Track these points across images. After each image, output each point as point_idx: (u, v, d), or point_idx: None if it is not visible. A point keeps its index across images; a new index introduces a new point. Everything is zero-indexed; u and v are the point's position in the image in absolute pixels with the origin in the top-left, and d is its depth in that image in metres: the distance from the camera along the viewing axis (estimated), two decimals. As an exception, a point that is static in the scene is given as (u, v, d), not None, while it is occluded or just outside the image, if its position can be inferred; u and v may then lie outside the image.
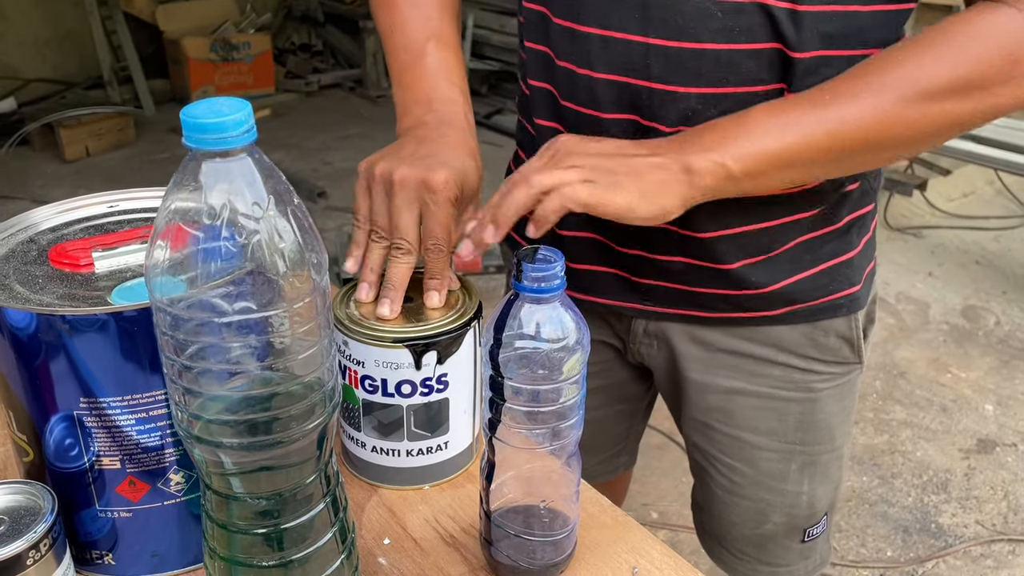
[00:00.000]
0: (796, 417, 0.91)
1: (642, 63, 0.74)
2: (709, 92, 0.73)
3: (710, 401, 0.92)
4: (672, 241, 0.82)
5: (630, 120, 0.77)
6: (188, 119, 0.44)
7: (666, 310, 0.88)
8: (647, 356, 0.94)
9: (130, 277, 0.61)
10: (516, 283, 0.57)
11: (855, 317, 0.88)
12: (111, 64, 4.40)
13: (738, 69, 0.72)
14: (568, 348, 0.57)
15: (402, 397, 0.70)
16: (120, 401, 0.58)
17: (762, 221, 0.81)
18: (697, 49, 0.72)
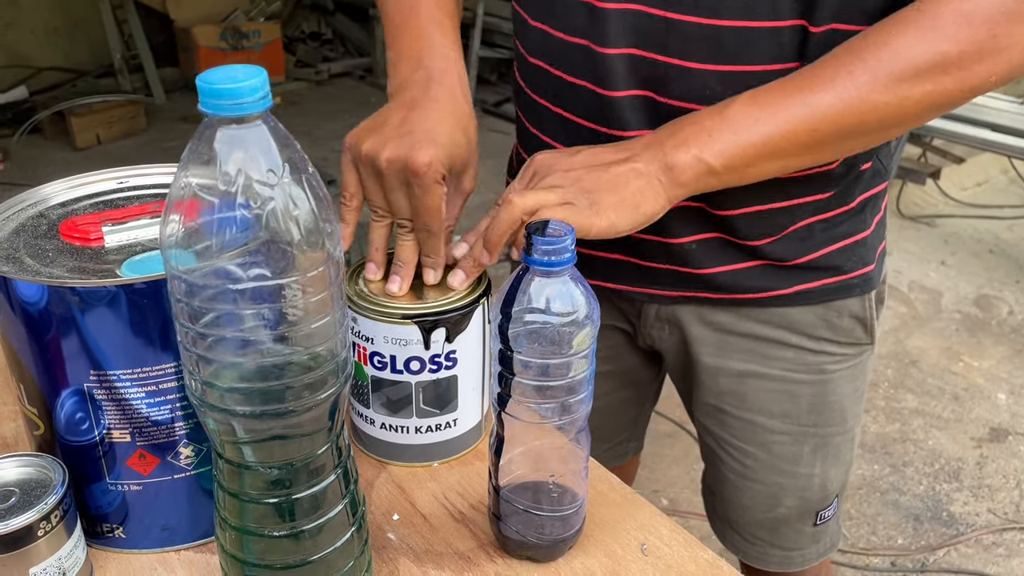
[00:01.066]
0: (809, 399, 0.90)
1: (661, 38, 0.73)
2: (728, 70, 0.73)
3: (722, 385, 0.91)
4: (689, 220, 0.81)
5: (644, 96, 0.76)
6: (204, 85, 0.44)
7: (679, 293, 0.87)
8: (658, 340, 0.94)
9: (140, 251, 0.61)
10: (526, 256, 0.56)
11: (869, 297, 0.88)
12: (122, 52, 4.40)
13: (757, 47, 0.72)
14: (578, 322, 0.57)
15: (411, 374, 0.70)
16: (130, 374, 0.58)
17: (778, 200, 0.80)
18: (717, 25, 0.71)
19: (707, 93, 0.73)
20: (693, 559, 0.65)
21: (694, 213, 0.81)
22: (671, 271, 0.86)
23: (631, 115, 0.77)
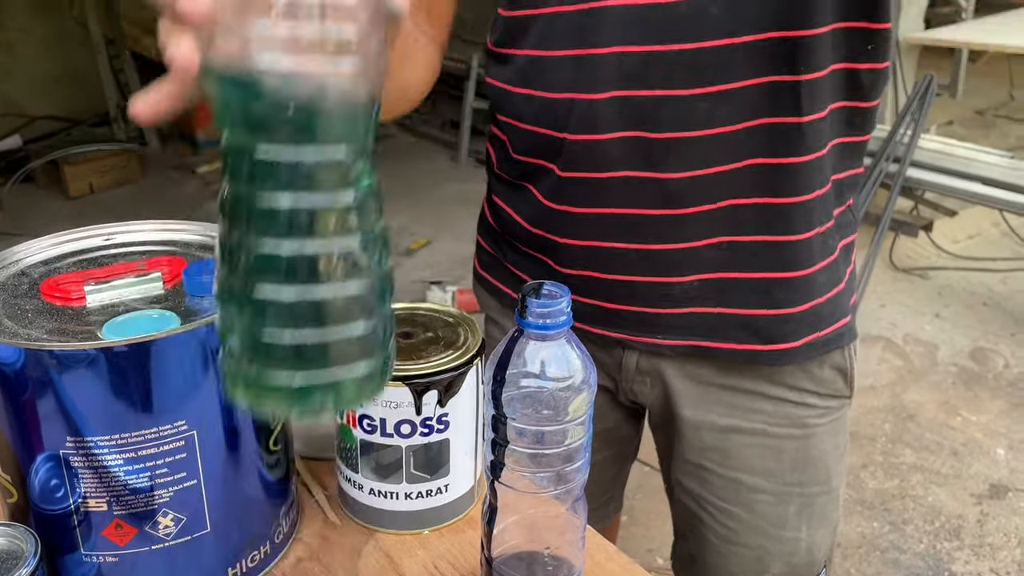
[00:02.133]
0: (792, 455, 0.88)
1: (639, 74, 0.72)
2: (713, 91, 0.72)
3: (705, 440, 0.89)
4: (700, 257, 0.79)
5: (635, 137, 0.75)
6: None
7: (669, 341, 0.85)
8: (640, 394, 0.91)
9: (123, 311, 0.60)
10: (520, 319, 0.55)
11: (850, 347, 0.87)
12: (117, 101, 4.43)
13: (739, 61, 0.71)
14: (574, 387, 0.55)
15: (401, 437, 0.68)
16: (108, 440, 0.56)
17: (790, 233, 0.79)
18: (695, 49, 0.71)
19: (699, 118, 0.73)
20: (694, 635, 0.62)
21: (701, 251, 0.79)
22: (665, 315, 0.83)
23: (620, 155, 0.76)
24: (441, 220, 3.61)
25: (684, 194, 0.76)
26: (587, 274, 0.84)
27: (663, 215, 0.77)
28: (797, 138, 0.75)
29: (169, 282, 0.63)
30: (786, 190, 0.77)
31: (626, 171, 0.76)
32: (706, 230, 0.78)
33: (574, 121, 0.76)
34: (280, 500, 0.68)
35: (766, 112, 0.73)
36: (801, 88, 0.72)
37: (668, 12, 0.71)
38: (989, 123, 4.93)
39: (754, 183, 0.76)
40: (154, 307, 0.60)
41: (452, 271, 3.15)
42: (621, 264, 0.81)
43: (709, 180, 0.75)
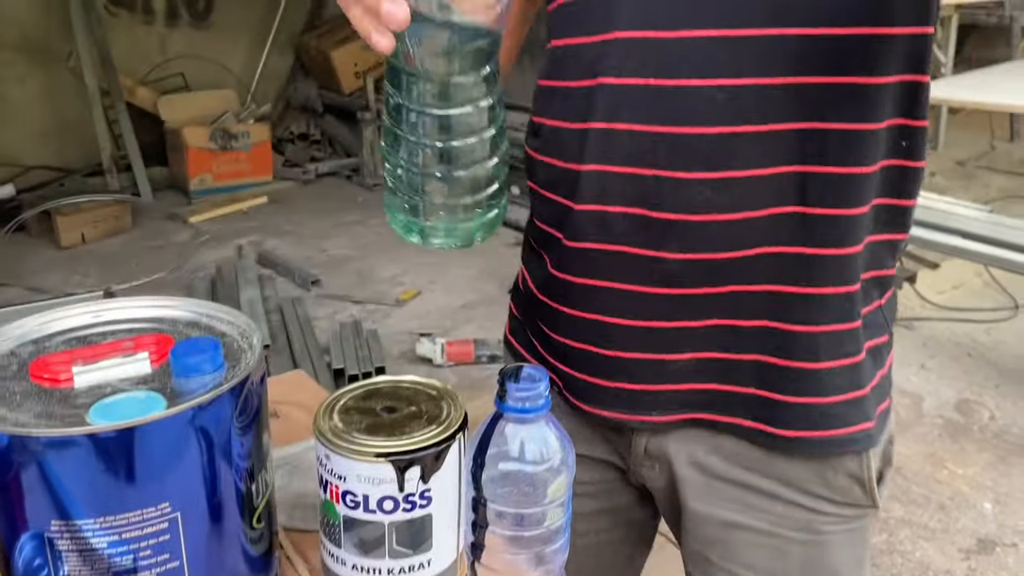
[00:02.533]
0: (800, 560, 0.84)
1: (649, 151, 0.73)
2: (716, 177, 0.72)
3: (708, 533, 0.87)
4: (695, 338, 0.79)
5: (638, 215, 0.75)
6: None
7: (676, 417, 0.83)
8: (648, 479, 0.89)
9: (110, 392, 0.61)
10: (500, 403, 0.56)
11: (867, 455, 0.82)
12: (111, 152, 4.47)
13: (744, 150, 0.71)
14: (553, 469, 0.56)
15: (384, 513, 0.68)
16: (93, 523, 0.57)
17: (788, 322, 0.77)
18: (698, 134, 0.71)
19: (701, 203, 0.73)
20: None
21: (697, 332, 0.78)
22: (669, 391, 0.82)
23: (622, 230, 0.77)
24: (431, 271, 3.63)
25: (683, 276, 0.76)
26: (586, 347, 0.83)
27: (661, 294, 0.77)
28: (812, 232, 0.73)
29: (156, 362, 0.65)
30: (795, 280, 0.75)
31: (627, 247, 0.76)
32: (705, 312, 0.77)
33: (580, 191, 0.78)
34: (263, 575, 0.69)
35: (773, 203, 0.73)
36: (814, 181, 0.72)
37: (673, 94, 0.71)
38: (970, 174, 5.02)
39: (761, 272, 0.75)
40: (141, 388, 0.61)
41: (442, 323, 3.16)
42: (619, 340, 0.80)
43: (710, 265, 0.75)
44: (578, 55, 0.77)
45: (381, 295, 3.38)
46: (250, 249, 3.82)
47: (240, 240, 3.94)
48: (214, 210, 4.31)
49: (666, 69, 0.71)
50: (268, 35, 5.17)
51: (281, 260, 3.63)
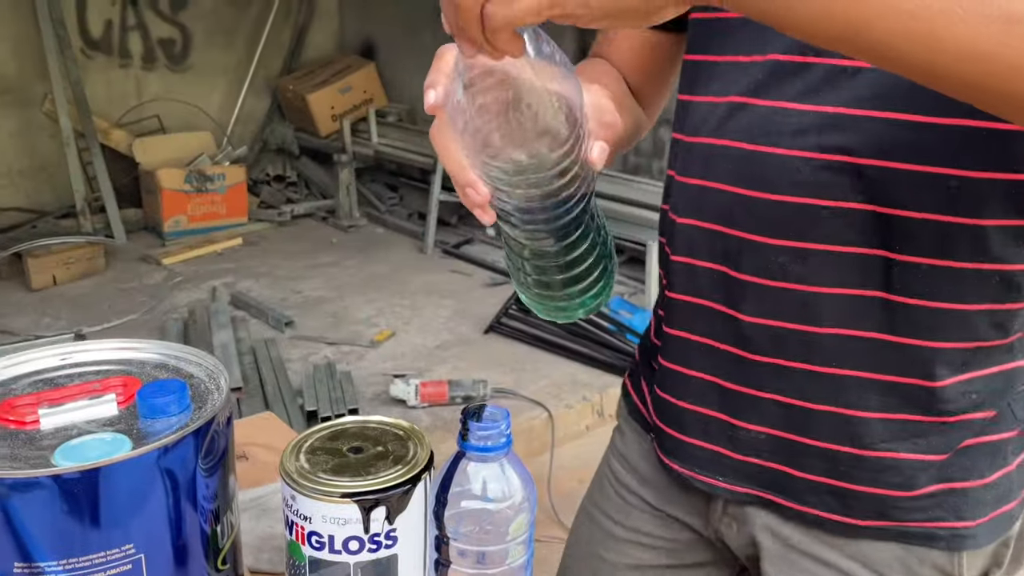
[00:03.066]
0: None
1: (729, 212, 0.75)
2: (792, 246, 0.72)
3: None
4: (761, 409, 0.78)
5: (721, 271, 0.77)
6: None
7: (745, 490, 0.82)
8: (727, 536, 0.89)
9: (75, 435, 0.61)
10: (462, 442, 0.57)
11: (959, 555, 0.77)
12: (85, 194, 4.45)
13: (822, 224, 0.71)
14: (515, 507, 0.58)
15: (349, 554, 0.69)
16: (58, 565, 0.57)
17: (868, 410, 0.75)
18: (777, 201, 0.72)
19: (776, 269, 0.73)
20: None
21: (768, 404, 0.78)
22: (738, 462, 0.81)
23: (708, 285, 0.79)
24: (406, 312, 3.63)
25: (754, 339, 0.76)
26: (671, 399, 0.85)
27: (736, 354, 0.78)
28: (894, 320, 0.72)
29: (123, 403, 0.65)
30: (872, 368, 0.73)
31: (711, 302, 0.78)
32: (773, 382, 0.76)
33: (676, 240, 0.81)
34: (228, 618, 0.69)
35: (853, 283, 0.71)
36: (899, 269, 0.70)
37: (759, 160, 0.73)
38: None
39: (833, 352, 0.74)
40: (107, 429, 0.62)
41: (416, 363, 3.16)
42: (697, 394, 0.82)
43: (781, 333, 0.75)
44: (693, 111, 0.79)
45: (355, 336, 3.37)
46: (224, 291, 3.81)
47: (214, 282, 3.93)
48: (188, 252, 4.30)
49: (757, 135, 0.73)
50: (245, 78, 5.20)
51: (255, 302, 3.62)
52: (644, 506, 0.95)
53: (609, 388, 2.97)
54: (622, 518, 0.97)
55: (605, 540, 0.98)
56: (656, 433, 0.88)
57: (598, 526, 0.99)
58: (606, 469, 1.01)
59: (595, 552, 0.99)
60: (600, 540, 0.99)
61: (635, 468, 0.96)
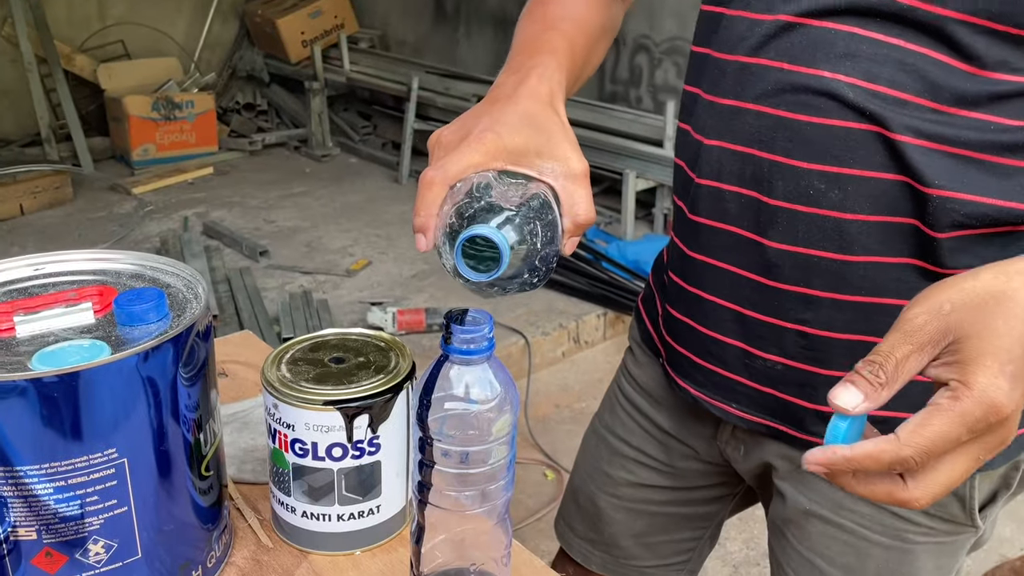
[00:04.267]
0: (879, 563, 0.82)
1: (768, 135, 0.73)
2: (831, 171, 0.70)
3: (789, 514, 0.86)
4: (781, 338, 0.77)
5: (750, 196, 0.75)
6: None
7: (758, 419, 0.82)
8: (733, 459, 0.90)
9: (52, 341, 0.60)
10: (445, 345, 0.57)
11: (971, 477, 0.75)
12: (49, 122, 4.34)
13: (864, 151, 0.69)
14: (497, 408, 0.58)
15: (333, 460, 0.69)
16: (38, 469, 0.57)
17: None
18: (825, 125, 0.70)
19: (811, 194, 0.71)
20: (616, 644, 0.65)
21: (789, 334, 0.76)
22: (752, 390, 0.81)
23: (735, 210, 0.76)
24: (382, 241, 3.61)
25: (782, 267, 0.75)
26: (687, 320, 0.84)
27: (759, 282, 0.77)
28: (931, 250, 0.70)
29: (100, 312, 0.64)
30: (898, 294, 0.72)
31: (737, 228, 0.77)
32: (797, 311, 0.75)
33: (702, 164, 0.78)
34: (212, 525, 0.69)
35: (889, 211, 0.70)
36: (935, 202, 0.68)
37: (803, 83, 0.70)
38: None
39: (863, 282, 0.73)
40: (85, 337, 0.61)
41: (392, 292, 3.15)
42: (714, 319, 0.81)
43: (811, 261, 0.73)
44: (727, 26, 0.76)
45: (331, 265, 3.35)
46: (196, 220, 3.76)
47: (186, 211, 3.87)
48: (158, 181, 4.22)
49: (803, 56, 0.70)
50: (211, 1, 5.04)
51: (228, 231, 3.57)
52: (652, 428, 0.96)
53: (585, 316, 2.99)
54: (629, 437, 0.99)
55: (611, 457, 1.00)
56: (670, 355, 0.88)
57: (605, 443, 1.01)
58: (616, 390, 1.02)
59: (600, 467, 1.01)
60: (606, 457, 1.01)
61: (646, 390, 0.97)
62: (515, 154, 0.62)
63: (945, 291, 0.54)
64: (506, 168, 0.62)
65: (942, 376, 0.53)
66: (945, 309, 0.53)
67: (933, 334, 0.53)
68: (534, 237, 0.58)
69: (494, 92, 0.69)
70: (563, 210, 0.62)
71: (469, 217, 0.57)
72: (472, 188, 0.59)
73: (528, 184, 0.61)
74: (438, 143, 0.64)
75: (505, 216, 0.57)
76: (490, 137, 0.61)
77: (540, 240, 0.59)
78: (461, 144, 0.61)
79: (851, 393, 0.53)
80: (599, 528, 1.02)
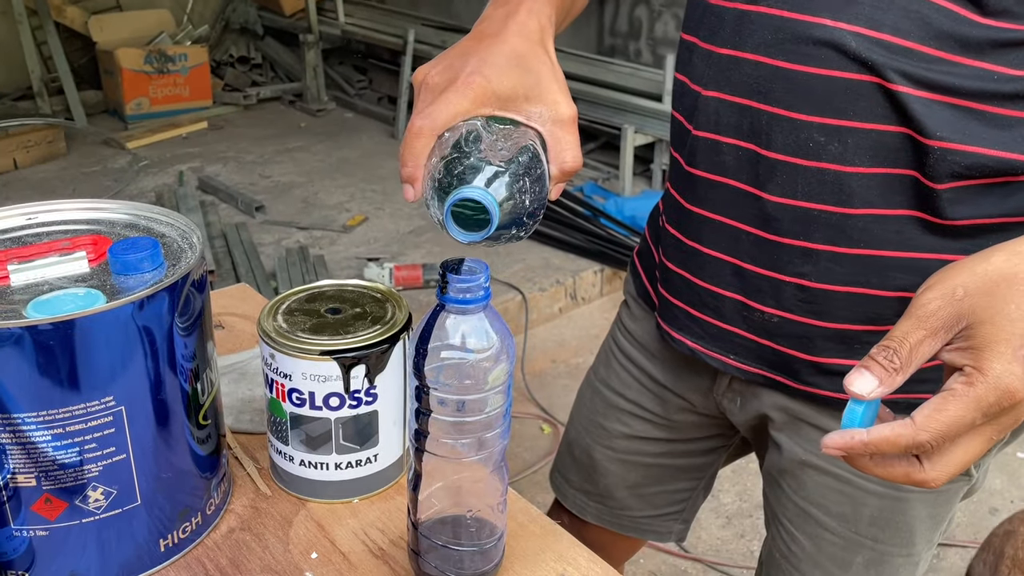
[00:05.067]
0: (873, 511, 0.83)
1: (766, 86, 0.71)
2: (831, 123, 0.69)
3: (784, 463, 0.86)
4: (779, 291, 0.77)
5: (748, 149, 0.74)
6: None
7: (756, 370, 0.83)
8: (729, 410, 0.90)
9: (47, 290, 0.60)
10: (441, 295, 0.57)
11: None
12: (41, 75, 4.28)
13: (865, 102, 0.68)
14: (494, 358, 0.58)
15: (330, 410, 0.70)
16: (36, 417, 0.57)
17: (883, 288, 0.74)
18: (826, 76, 0.69)
19: (811, 146, 0.71)
20: (610, 589, 0.66)
21: (787, 287, 0.76)
22: (750, 341, 0.81)
23: (732, 163, 0.76)
24: (378, 197, 3.59)
25: (781, 220, 0.74)
26: (682, 273, 0.84)
27: (758, 235, 0.76)
28: (930, 201, 0.70)
29: (94, 261, 0.64)
30: (897, 246, 0.72)
31: (735, 181, 0.76)
32: (796, 264, 0.75)
33: (699, 115, 0.77)
34: (211, 473, 0.70)
35: (889, 163, 0.70)
36: (935, 153, 0.68)
37: (804, 31, 0.69)
38: None
39: (862, 235, 0.72)
40: (79, 285, 0.61)
41: (389, 248, 3.15)
42: (712, 272, 0.81)
43: (810, 214, 0.73)
44: None
45: (327, 221, 3.34)
46: (191, 175, 3.73)
47: (180, 166, 3.84)
48: (152, 135, 4.18)
49: (804, 3, 0.69)
50: (203, -48, 4.96)
51: (223, 186, 3.55)
52: (647, 381, 0.97)
53: (582, 272, 2.99)
54: (624, 390, 0.99)
55: (607, 410, 1.01)
56: (666, 308, 0.88)
57: (600, 397, 1.02)
58: (611, 343, 1.02)
59: (596, 420, 1.02)
60: (602, 410, 1.01)
61: (642, 344, 0.97)
62: (503, 99, 0.61)
63: (959, 275, 0.54)
64: (494, 114, 0.61)
65: (956, 361, 0.53)
66: (958, 294, 0.53)
67: (947, 319, 0.53)
68: (523, 194, 0.57)
69: (481, 26, 0.66)
70: (550, 156, 0.61)
71: (458, 175, 0.56)
72: (460, 139, 0.58)
73: (517, 131, 0.60)
74: (424, 84, 0.62)
75: (495, 173, 0.56)
76: (478, 81, 0.59)
77: (529, 197, 0.58)
78: (448, 89, 0.59)
79: (866, 379, 0.54)
80: (594, 480, 1.03)
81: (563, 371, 2.66)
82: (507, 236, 0.59)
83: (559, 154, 0.61)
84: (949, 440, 0.53)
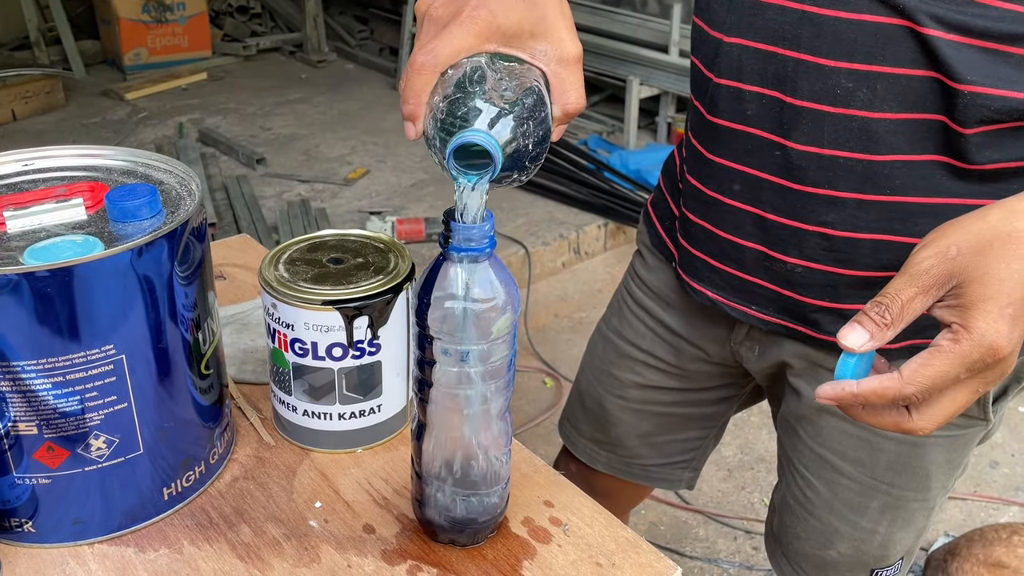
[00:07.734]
0: (890, 456, 0.83)
1: (793, 32, 0.70)
2: (860, 69, 0.68)
3: (801, 409, 0.86)
4: (802, 242, 0.76)
5: (772, 97, 0.72)
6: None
7: (777, 320, 0.82)
8: (746, 359, 0.90)
9: (44, 237, 0.59)
10: (445, 243, 0.56)
11: None
12: (38, 24, 4.22)
13: (894, 47, 0.67)
14: (498, 307, 0.57)
15: (333, 360, 0.69)
16: (36, 365, 0.56)
17: (907, 235, 0.73)
18: (854, 20, 0.67)
19: (838, 93, 0.69)
20: (613, 538, 0.66)
21: (811, 236, 0.75)
22: (771, 292, 0.80)
23: (755, 111, 0.74)
24: (380, 149, 3.56)
25: (805, 169, 0.73)
26: (703, 224, 0.83)
27: (782, 185, 0.75)
28: (958, 146, 0.69)
29: (92, 208, 0.63)
30: (923, 191, 0.71)
31: (758, 129, 0.74)
32: (821, 213, 0.74)
33: (720, 63, 0.75)
34: (214, 422, 0.70)
35: (918, 108, 0.68)
36: (964, 97, 0.66)
37: None
38: None
39: (889, 181, 0.71)
40: (77, 232, 0.60)
41: (391, 201, 3.12)
42: (733, 223, 0.80)
43: (836, 162, 0.71)
44: None
45: (329, 174, 3.31)
46: (191, 127, 3.69)
47: (180, 118, 3.80)
48: (151, 86, 4.13)
49: None
50: None
51: (224, 138, 3.51)
52: (662, 330, 0.96)
53: (585, 226, 2.97)
54: (638, 340, 0.98)
55: (619, 360, 1.00)
56: (685, 258, 0.87)
57: (613, 346, 1.01)
58: (624, 293, 1.01)
59: (607, 370, 1.02)
60: (614, 360, 1.01)
61: (657, 294, 0.96)
62: (508, 35, 0.58)
63: (954, 233, 0.56)
64: (498, 51, 0.59)
65: (946, 318, 0.55)
66: (951, 253, 0.55)
67: (938, 277, 0.55)
68: (526, 138, 0.56)
69: None
70: (553, 97, 0.59)
71: (462, 116, 0.55)
72: (464, 78, 0.56)
73: (521, 69, 0.58)
74: (428, 16, 0.59)
75: (498, 114, 0.55)
76: (483, 15, 0.57)
77: (532, 140, 0.56)
78: (452, 23, 0.57)
79: (858, 333, 0.56)
80: (605, 429, 1.04)
81: (566, 325, 2.65)
82: (508, 180, 0.58)
83: (563, 95, 0.59)
84: (934, 393, 0.55)
